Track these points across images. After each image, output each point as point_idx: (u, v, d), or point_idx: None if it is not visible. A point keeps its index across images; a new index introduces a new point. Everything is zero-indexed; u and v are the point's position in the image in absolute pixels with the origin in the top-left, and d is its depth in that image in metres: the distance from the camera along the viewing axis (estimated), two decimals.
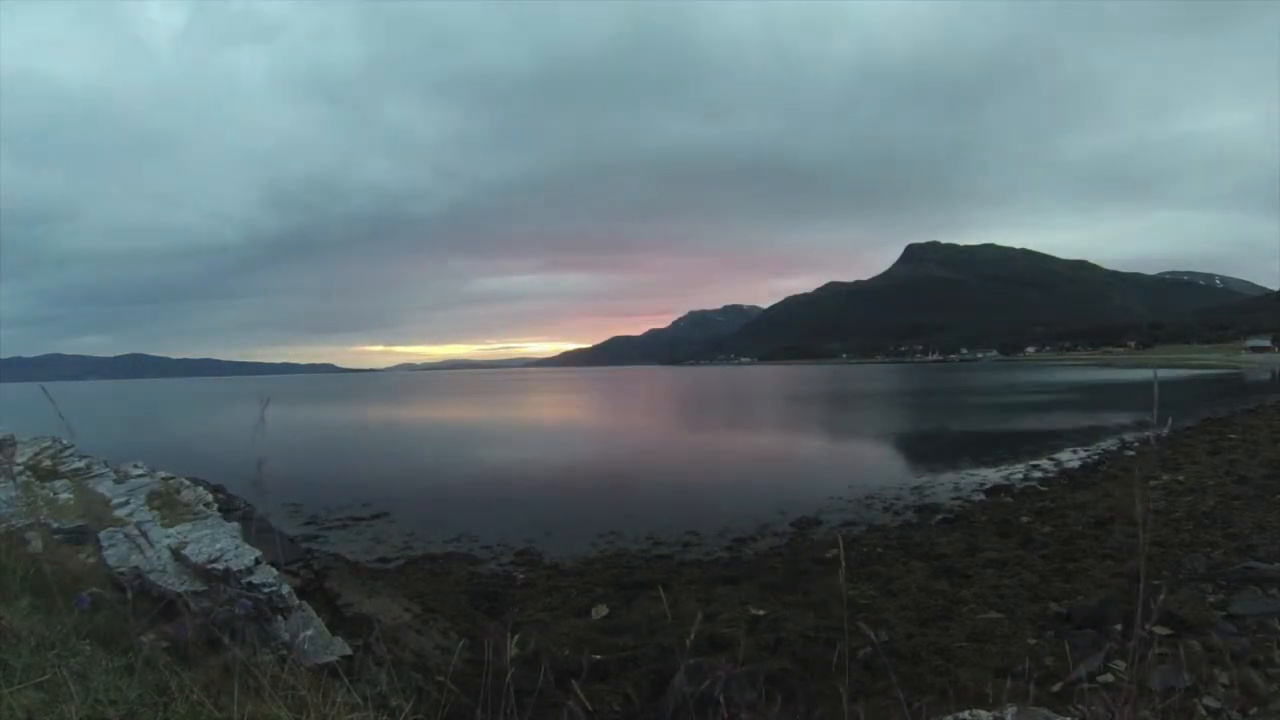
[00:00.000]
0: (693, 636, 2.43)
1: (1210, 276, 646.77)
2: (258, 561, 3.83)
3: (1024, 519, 12.27)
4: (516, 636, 2.46)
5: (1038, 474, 17.60)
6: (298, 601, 4.02)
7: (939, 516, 13.29)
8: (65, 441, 10.68)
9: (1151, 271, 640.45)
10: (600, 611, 8.34)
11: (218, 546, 3.90)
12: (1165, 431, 21.06)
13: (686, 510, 14.55)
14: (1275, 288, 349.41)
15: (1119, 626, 6.25)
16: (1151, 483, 13.98)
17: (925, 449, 25.45)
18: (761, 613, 7.86)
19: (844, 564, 2.28)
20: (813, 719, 5.16)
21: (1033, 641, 6.54)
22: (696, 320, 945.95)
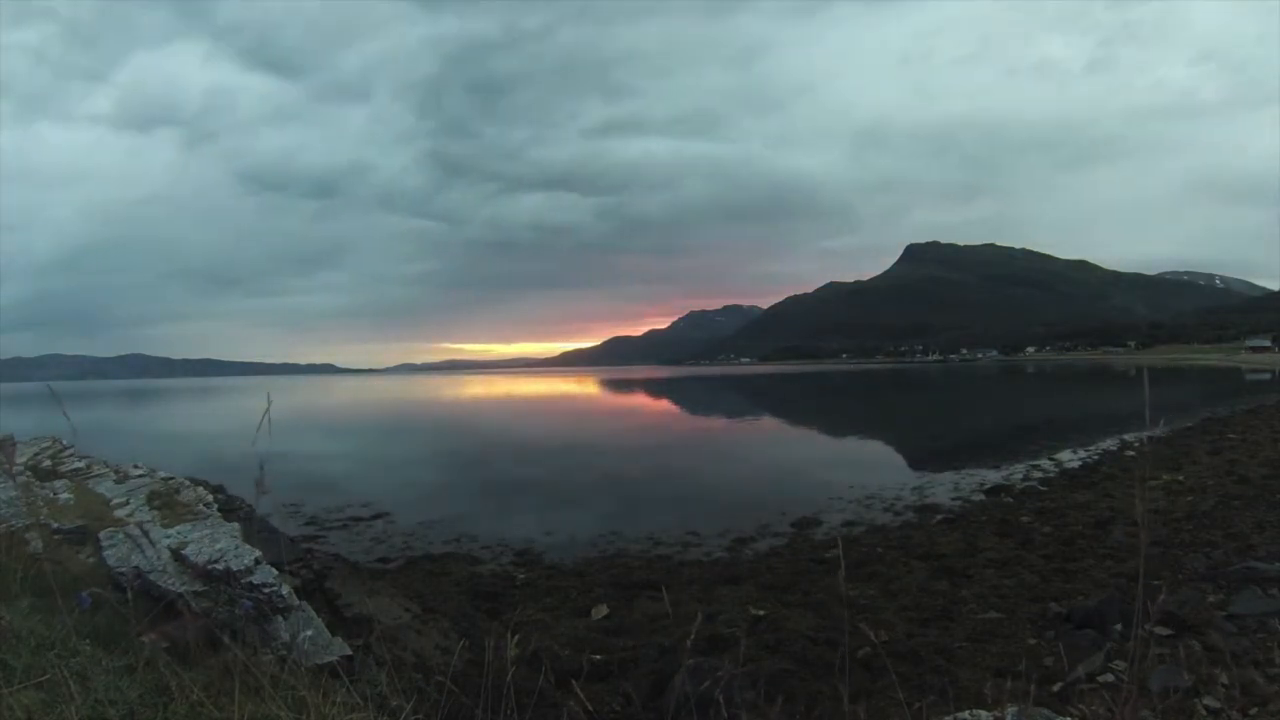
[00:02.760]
0: (693, 636, 2.43)
1: (1210, 276, 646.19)
2: (258, 561, 3.83)
3: (1024, 519, 12.27)
4: (516, 636, 2.46)
5: (1038, 474, 17.56)
6: (298, 601, 4.02)
7: (939, 516, 13.28)
8: (65, 441, 10.69)
9: (1151, 271, 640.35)
10: (600, 611, 8.33)
11: (218, 546, 3.89)
12: (1159, 431, 21.07)
13: (686, 510, 14.55)
14: (1275, 288, 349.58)
15: (1119, 626, 6.26)
16: (1151, 483, 13.98)
17: (925, 449, 25.46)
18: (761, 613, 7.86)
19: (843, 565, 2.29)
20: (812, 719, 5.16)
21: (1033, 641, 6.54)
22: (696, 320, 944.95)
